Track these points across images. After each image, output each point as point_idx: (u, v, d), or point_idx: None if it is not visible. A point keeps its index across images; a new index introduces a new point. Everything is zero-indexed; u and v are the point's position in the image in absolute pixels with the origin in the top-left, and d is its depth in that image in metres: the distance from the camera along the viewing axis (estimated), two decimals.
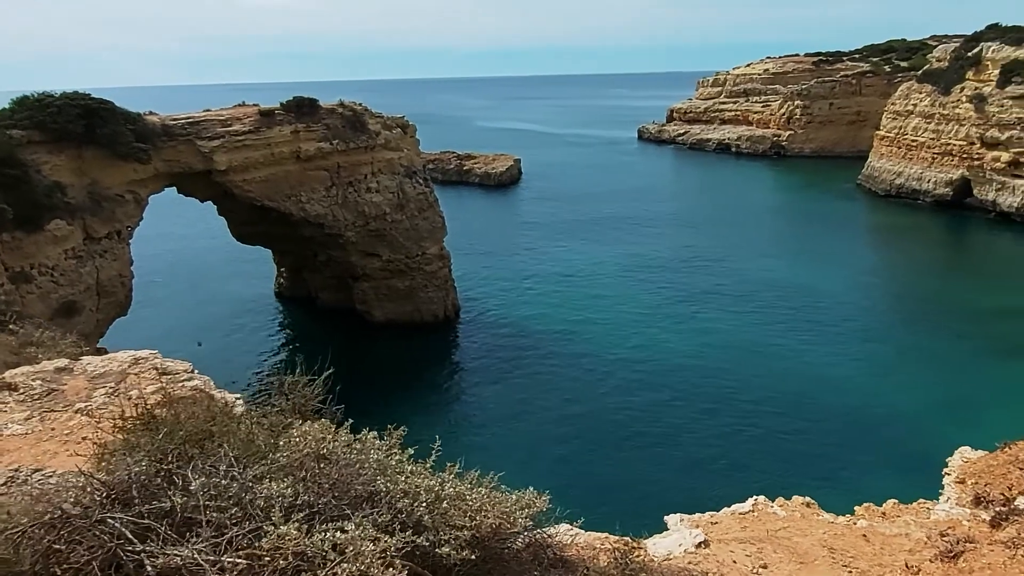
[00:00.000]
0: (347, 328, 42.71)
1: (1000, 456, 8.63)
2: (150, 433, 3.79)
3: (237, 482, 3.24)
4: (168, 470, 3.32)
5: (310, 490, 3.33)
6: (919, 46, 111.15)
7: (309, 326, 44.63)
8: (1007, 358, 35.89)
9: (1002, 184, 66.20)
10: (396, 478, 3.67)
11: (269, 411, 4.80)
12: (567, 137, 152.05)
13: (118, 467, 3.43)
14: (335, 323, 43.91)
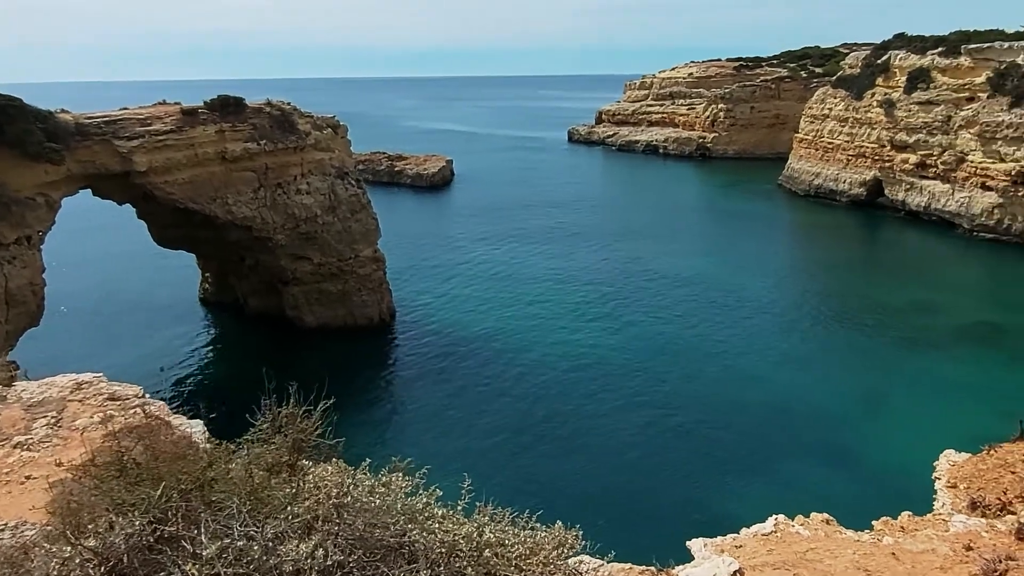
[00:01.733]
0: (277, 335, 41.20)
1: (988, 460, 8.81)
2: (126, 480, 3.27)
3: (257, 543, 2.78)
4: (172, 532, 2.82)
5: (339, 547, 2.90)
6: (832, 53, 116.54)
7: (237, 333, 42.84)
8: (918, 350, 37.88)
9: (910, 185, 70.04)
10: (429, 525, 3.27)
11: (266, 450, 4.29)
12: (499, 138, 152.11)
13: (106, 528, 2.90)
14: (264, 329, 42.32)
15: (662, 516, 23.03)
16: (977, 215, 62.09)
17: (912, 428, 28.59)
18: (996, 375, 34.31)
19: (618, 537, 21.20)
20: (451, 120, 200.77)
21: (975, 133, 62.52)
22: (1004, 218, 60.07)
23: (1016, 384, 32.17)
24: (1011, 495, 8.44)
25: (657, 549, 7.75)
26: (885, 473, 24.78)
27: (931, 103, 67.55)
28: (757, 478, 25.70)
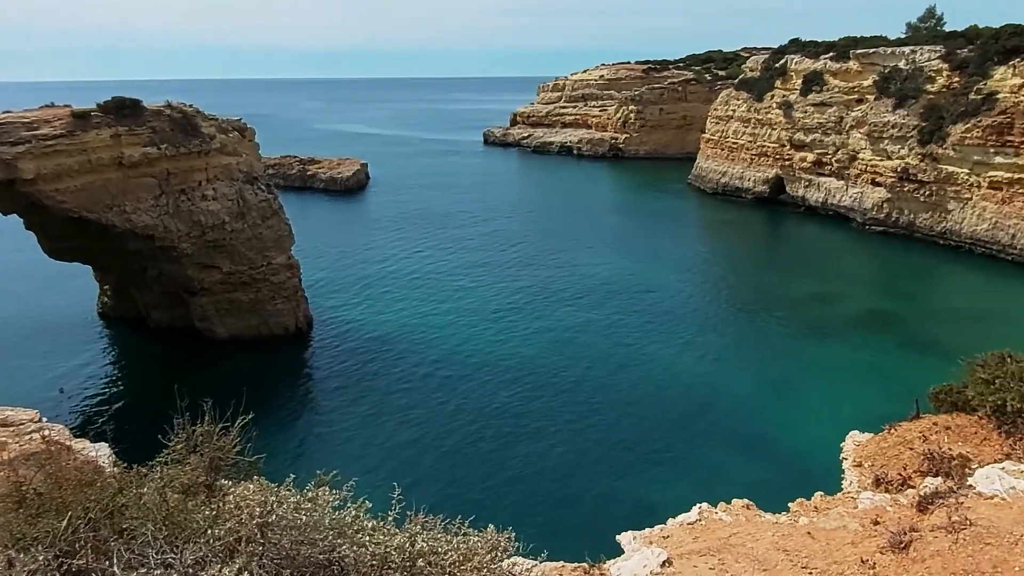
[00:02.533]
0: (186, 348, 39.34)
1: (889, 438, 9.32)
2: (27, 513, 2.99)
3: (176, 571, 2.59)
4: (82, 566, 2.59)
5: (265, 568, 2.75)
6: (734, 57, 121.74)
7: (141, 349, 40.61)
8: (821, 338, 40.04)
9: (809, 182, 74.01)
10: (359, 539, 3.15)
11: (180, 471, 4.03)
12: (414, 140, 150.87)
13: (3, 567, 2.63)
14: (171, 343, 40.31)
15: (592, 511, 23.37)
16: (869, 209, 66.22)
17: (819, 412, 30.14)
18: (891, 358, 36.68)
19: (550, 535, 21.48)
20: (363, 123, 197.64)
21: (864, 133, 66.68)
22: (892, 211, 64.32)
23: (909, 366, 34.45)
24: (910, 470, 8.97)
25: (589, 545, 7.83)
26: (797, 456, 26.02)
27: (825, 104, 71.59)
28: (681, 468, 26.47)
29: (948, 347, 33.00)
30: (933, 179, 60.33)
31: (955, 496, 6.94)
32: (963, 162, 57.98)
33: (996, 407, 8.78)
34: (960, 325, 41.11)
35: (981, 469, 7.35)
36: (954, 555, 6.06)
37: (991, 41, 58.94)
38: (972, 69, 58.98)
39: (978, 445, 8.76)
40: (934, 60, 62.61)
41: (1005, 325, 40.96)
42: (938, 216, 60.57)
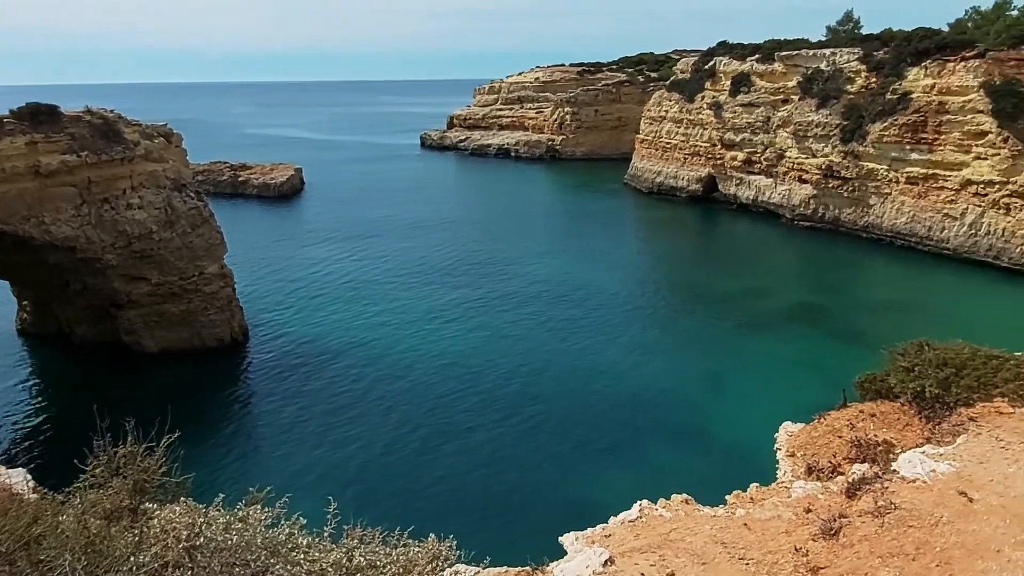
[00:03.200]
0: (113, 364, 37.70)
1: (819, 427, 9.63)
2: None
3: None
4: None
5: None
6: (665, 59, 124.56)
7: (64, 366, 38.69)
8: (753, 332, 41.29)
9: (740, 180, 76.28)
10: (293, 557, 3.05)
11: (102, 496, 3.83)
12: (350, 144, 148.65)
13: None
14: (97, 359, 38.56)
15: (534, 513, 23.41)
16: (796, 206, 68.70)
17: (754, 404, 31.02)
18: (821, 349, 38.09)
19: (493, 539, 21.43)
20: (297, 127, 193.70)
21: (790, 132, 69.15)
22: (818, 207, 66.90)
23: (838, 355, 35.82)
24: (840, 457, 9.31)
25: (532, 547, 7.84)
26: (735, 448, 26.71)
27: (752, 105, 73.92)
28: (622, 465, 26.81)
29: (873, 336, 34.44)
30: (855, 176, 63.02)
31: (880, 481, 7.24)
32: (882, 159, 60.77)
33: (916, 393, 9.20)
34: (883, 315, 43.07)
35: (904, 454, 7.69)
36: (880, 539, 6.32)
37: (904, 43, 61.98)
38: (888, 70, 61.88)
39: (901, 431, 9.16)
40: (853, 62, 65.42)
41: (924, 313, 43.15)
42: (861, 211, 63.30)
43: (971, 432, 7.88)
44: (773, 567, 6.51)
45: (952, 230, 56.03)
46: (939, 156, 56.67)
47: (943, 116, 56.43)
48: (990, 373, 8.79)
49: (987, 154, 53.56)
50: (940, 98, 56.84)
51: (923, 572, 5.96)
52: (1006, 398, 8.44)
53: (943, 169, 56.61)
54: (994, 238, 53.30)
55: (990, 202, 53.49)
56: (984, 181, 53.77)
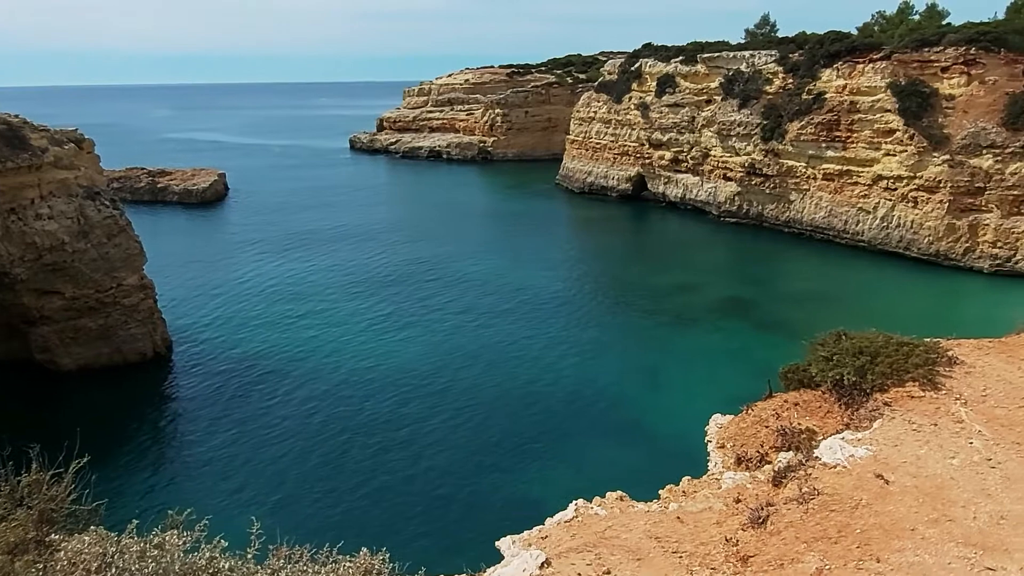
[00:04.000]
0: (25, 385, 35.50)
1: (747, 418, 9.86)
2: None
3: None
4: None
5: None
6: (593, 60, 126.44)
7: None
8: (685, 326, 42.32)
9: (668, 178, 78.10)
10: None
11: (4, 529, 3.54)
12: (276, 148, 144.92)
13: None
14: (7, 379, 36.28)
15: (472, 518, 23.22)
16: (722, 202, 70.81)
17: (687, 397, 31.76)
18: (749, 340, 39.32)
19: (429, 549, 21.16)
20: (220, 130, 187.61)
21: (714, 131, 71.22)
22: (743, 204, 69.14)
23: (765, 347, 37.03)
24: (767, 447, 9.55)
25: (469, 553, 7.75)
26: (669, 442, 27.23)
27: (678, 105, 75.78)
28: (559, 465, 26.93)
29: (798, 327, 35.68)
30: (776, 173, 65.41)
31: (804, 468, 7.46)
32: (800, 156, 63.28)
33: (835, 381, 9.54)
34: (806, 306, 44.82)
35: (825, 440, 7.96)
36: (804, 524, 6.51)
37: (817, 46, 64.71)
38: (803, 72, 64.48)
39: (822, 418, 9.48)
40: (770, 64, 67.89)
41: (843, 303, 45.15)
42: (782, 206, 65.74)
43: (886, 417, 8.22)
44: (705, 558, 6.61)
45: (866, 223, 58.82)
46: (852, 153, 59.41)
47: (855, 115, 59.18)
48: (902, 359, 9.20)
49: (895, 151, 56.46)
50: (851, 98, 59.61)
51: (845, 554, 6.16)
52: (917, 382, 8.84)
53: (856, 165, 59.37)
54: (904, 230, 56.23)
55: (899, 196, 56.39)
56: (893, 176, 56.66)
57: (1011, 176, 50.35)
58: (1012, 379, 8.95)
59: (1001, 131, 51.00)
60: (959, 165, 52.43)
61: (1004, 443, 7.52)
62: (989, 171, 51.20)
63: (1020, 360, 9.55)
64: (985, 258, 51.90)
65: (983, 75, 53.38)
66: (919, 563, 5.94)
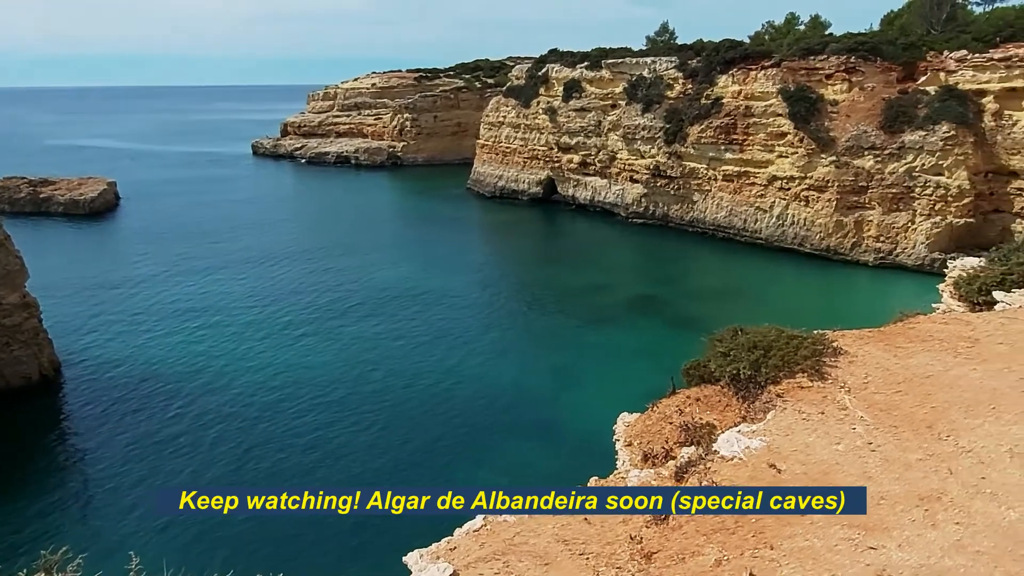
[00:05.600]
0: None
1: (653, 415, 10.06)
2: None
3: None
4: None
5: None
6: (500, 65, 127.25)
7: None
8: (598, 326, 43.14)
9: (577, 181, 79.56)
10: None
11: None
12: (173, 154, 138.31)
13: None
14: None
15: (383, 532, 22.66)
16: (630, 204, 72.74)
17: (599, 396, 32.31)
18: (657, 338, 40.48)
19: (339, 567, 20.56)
20: (111, 136, 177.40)
21: (620, 135, 73.10)
22: (649, 205, 71.26)
23: (673, 343, 38.20)
24: (671, 443, 9.79)
25: (380, 570, 7.56)
26: (581, 442, 27.59)
27: (584, 110, 77.35)
28: (470, 472, 26.77)
29: (703, 323, 36.83)
30: (679, 174, 67.78)
31: (704, 462, 7.68)
32: (701, 159, 65.84)
33: (733, 376, 9.90)
34: (711, 302, 46.62)
35: (723, 434, 8.24)
36: (704, 517, 6.70)
37: (713, 53, 67.56)
38: (701, 77, 67.17)
39: (722, 412, 9.81)
40: (671, 69, 70.35)
41: (744, 299, 47.30)
42: (686, 207, 68.19)
43: (778, 408, 8.59)
44: (611, 558, 6.69)
45: (763, 222, 61.83)
46: (749, 155, 62.33)
47: (750, 119, 62.13)
48: (792, 352, 9.65)
49: (788, 152, 59.63)
50: (746, 103, 62.55)
51: (741, 543, 6.37)
52: (805, 373, 9.29)
53: (752, 167, 62.33)
54: (798, 227, 59.45)
55: (792, 195, 59.59)
56: (787, 177, 59.82)
57: (890, 175, 54.12)
58: (889, 366, 9.55)
59: (880, 134, 54.75)
60: (844, 166, 55.92)
61: (883, 427, 8.00)
62: (871, 171, 54.86)
63: (896, 348, 10.21)
64: (870, 252, 55.57)
65: (862, 82, 57.19)
66: (809, 547, 6.22)
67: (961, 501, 6.71)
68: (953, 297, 13.92)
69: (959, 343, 10.27)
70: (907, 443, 7.70)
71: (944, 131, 51.83)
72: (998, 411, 8.26)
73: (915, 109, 53.80)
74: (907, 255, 53.80)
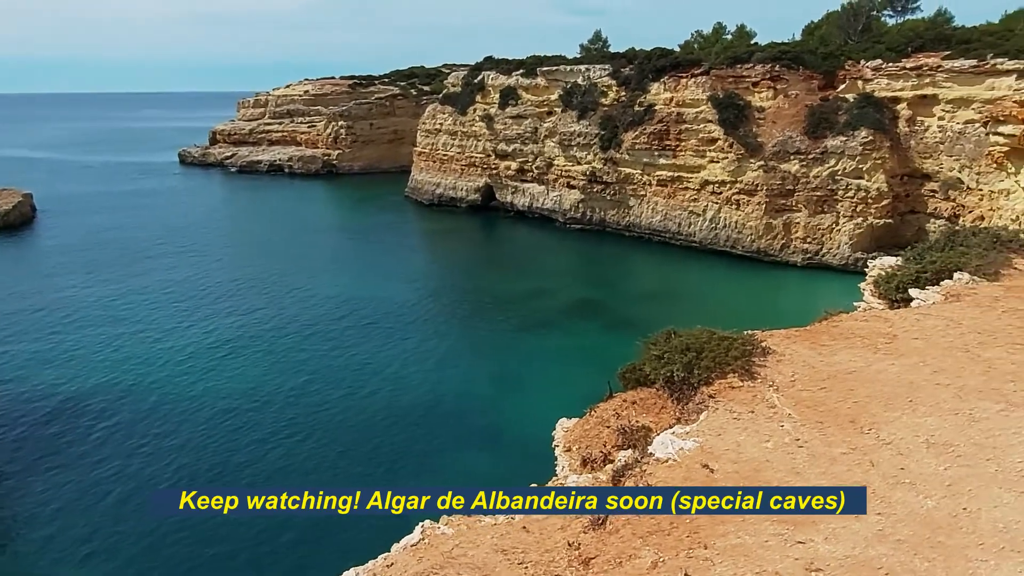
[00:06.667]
0: None
1: (591, 420, 10.12)
2: None
3: None
4: None
5: None
6: (436, 72, 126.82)
7: None
8: (539, 331, 43.38)
9: (515, 188, 79.92)
10: None
11: None
12: (94, 164, 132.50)
13: None
14: None
15: (319, 550, 22.22)
16: (567, 210, 73.50)
17: (540, 402, 32.35)
18: (597, 342, 40.96)
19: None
20: (24, 146, 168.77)
21: (556, 142, 73.83)
22: (586, 210, 72.17)
23: (612, 347, 38.67)
24: (609, 446, 9.88)
25: None
26: (521, 449, 27.55)
27: (521, 117, 77.84)
28: (409, 483, 26.32)
29: (641, 326, 37.57)
30: (615, 180, 68.91)
31: (640, 465, 7.77)
32: (636, 164, 67.11)
33: (667, 378, 10.07)
34: (648, 305, 47.50)
35: (658, 436, 8.35)
36: (640, 520, 6.76)
37: (646, 61, 69.03)
38: (634, 85, 68.52)
39: (657, 414, 9.97)
40: (605, 77, 71.54)
41: (679, 301, 48.36)
42: (623, 212, 69.35)
43: (711, 408, 8.77)
44: (550, 566, 6.69)
45: (697, 225, 63.42)
46: (681, 160, 63.88)
47: (682, 125, 63.70)
48: (723, 353, 9.87)
49: (718, 158, 61.39)
50: (678, 109, 64.13)
51: (676, 544, 6.46)
52: (736, 374, 9.52)
53: (685, 172, 63.90)
54: (730, 230, 61.22)
55: (724, 199, 61.35)
56: (718, 181, 61.56)
57: (814, 179, 56.34)
58: (815, 364, 9.89)
59: (804, 139, 56.97)
60: (772, 170, 57.93)
61: (809, 423, 8.26)
62: (797, 175, 57.00)
63: (821, 346, 10.59)
64: (798, 253, 57.67)
65: (787, 89, 59.42)
66: (741, 544, 6.35)
67: (882, 492, 6.98)
68: (873, 295, 14.55)
69: (879, 339, 10.72)
70: (832, 438, 7.98)
71: (863, 136, 54.33)
72: (914, 403, 8.65)
73: (836, 116, 56.22)
74: (832, 255, 56.07)
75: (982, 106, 49.89)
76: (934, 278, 13.63)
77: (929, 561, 6.06)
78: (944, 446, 7.72)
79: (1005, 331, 10.85)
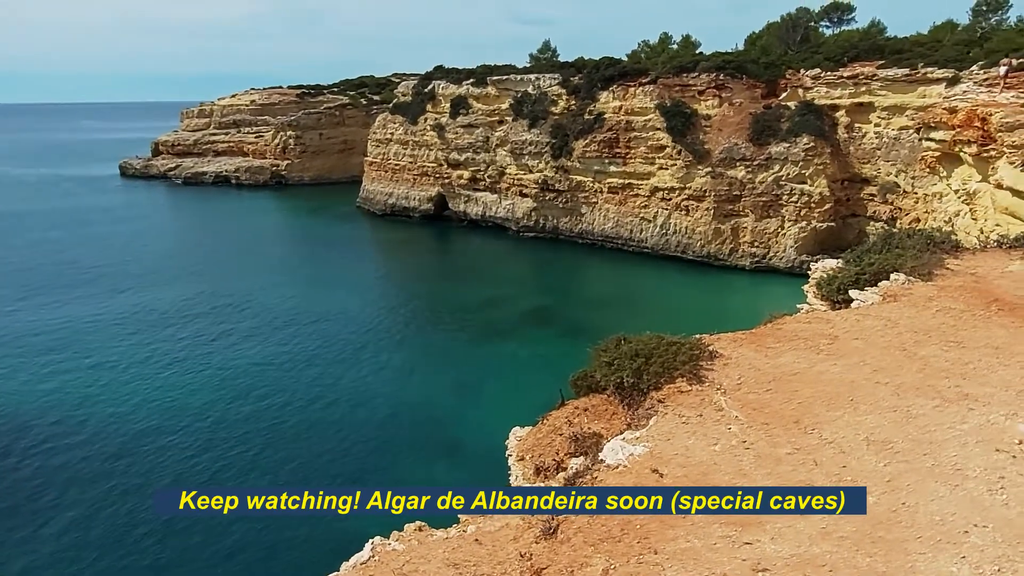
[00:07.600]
0: None
1: (543, 428, 10.09)
2: None
3: None
4: None
5: None
6: (386, 82, 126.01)
7: None
8: (492, 340, 43.37)
9: (468, 197, 79.87)
10: None
11: None
12: (29, 177, 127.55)
13: None
14: None
15: (273, 570, 21.71)
16: (520, 218, 73.77)
17: (495, 410, 32.33)
18: (551, 349, 41.05)
19: None
20: None
21: (508, 150, 74.12)
22: (539, 218, 72.56)
23: (566, 354, 38.82)
24: (562, 454, 9.87)
25: None
26: (475, 459, 27.49)
27: (472, 126, 77.90)
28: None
29: (594, 332, 37.92)
30: (567, 188, 69.47)
31: (590, 472, 7.78)
32: (587, 172, 67.80)
33: (617, 384, 10.11)
34: (602, 311, 47.93)
35: (608, 443, 8.38)
36: (591, 527, 6.76)
37: (594, 70, 69.90)
38: (583, 94, 69.30)
39: (609, 420, 10.00)
40: (555, 86, 72.17)
41: (632, 306, 48.97)
42: (575, 219, 69.93)
43: (660, 413, 8.84)
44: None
45: (648, 231, 64.35)
46: (631, 168, 64.79)
47: (631, 133, 64.65)
48: (672, 358, 9.97)
49: (667, 164, 62.47)
50: (627, 118, 65.08)
51: (627, 551, 6.47)
52: (684, 378, 9.63)
53: (635, 179, 64.83)
54: (680, 236, 62.30)
55: (674, 205, 62.42)
56: (668, 188, 62.61)
57: (760, 184, 57.79)
58: (760, 366, 10.07)
59: (749, 146, 58.41)
60: (719, 176, 59.20)
61: (755, 425, 8.40)
62: (743, 180, 58.37)
63: (767, 348, 10.80)
64: (746, 256, 59.00)
65: (731, 98, 60.88)
66: (690, 548, 6.39)
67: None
68: (816, 297, 14.93)
69: (821, 340, 10.99)
70: (777, 439, 8.12)
71: (805, 143, 55.99)
72: (855, 402, 8.88)
73: (779, 123, 57.83)
74: (779, 258, 57.53)
75: (915, 113, 52.02)
76: (872, 279, 14.06)
77: (871, 556, 6.20)
78: (883, 443, 7.93)
79: (939, 329, 11.25)
